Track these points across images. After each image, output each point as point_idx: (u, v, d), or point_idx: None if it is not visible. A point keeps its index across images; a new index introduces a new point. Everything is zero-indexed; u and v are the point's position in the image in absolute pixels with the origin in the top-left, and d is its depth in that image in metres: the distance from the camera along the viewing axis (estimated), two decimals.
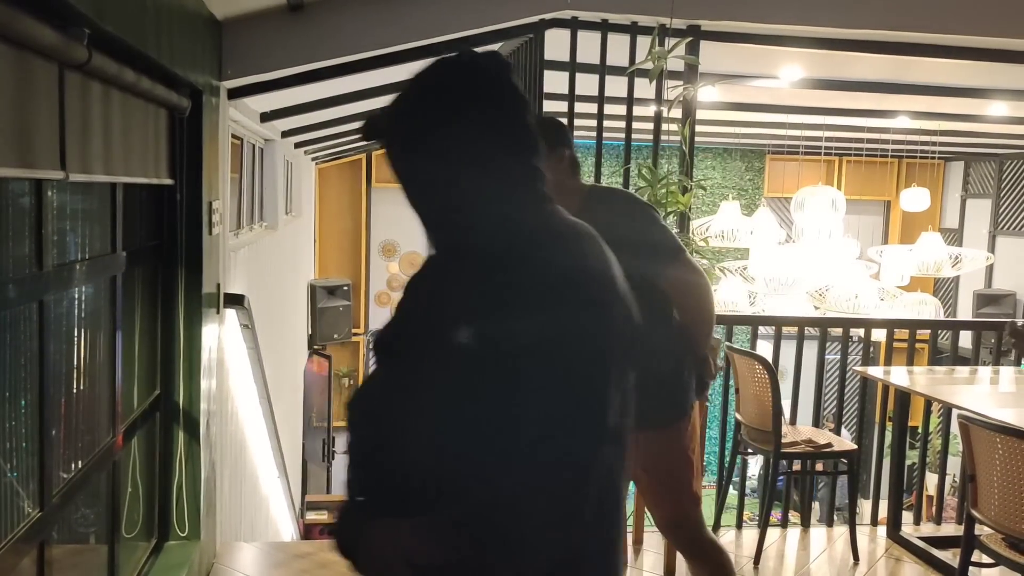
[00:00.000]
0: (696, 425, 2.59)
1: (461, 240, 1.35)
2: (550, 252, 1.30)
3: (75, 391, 2.48)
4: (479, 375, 1.22)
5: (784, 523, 4.58)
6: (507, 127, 1.32)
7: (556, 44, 3.93)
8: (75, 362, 2.46)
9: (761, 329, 4.73)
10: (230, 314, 3.96)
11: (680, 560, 3.65)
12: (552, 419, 1.20)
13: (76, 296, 2.45)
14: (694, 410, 2.56)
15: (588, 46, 3.88)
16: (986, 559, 3.09)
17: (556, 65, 3.99)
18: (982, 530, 3.05)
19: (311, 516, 10.34)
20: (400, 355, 1.35)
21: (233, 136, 4.71)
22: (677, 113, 3.92)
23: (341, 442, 11.80)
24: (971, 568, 3.12)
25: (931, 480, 6.61)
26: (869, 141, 9.13)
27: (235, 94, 3.76)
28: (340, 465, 11.90)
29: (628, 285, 1.41)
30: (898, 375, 4.13)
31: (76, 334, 2.47)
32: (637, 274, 2.36)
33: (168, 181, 3.04)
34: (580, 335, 1.23)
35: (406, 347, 1.34)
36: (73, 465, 2.40)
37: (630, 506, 3.80)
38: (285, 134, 6.57)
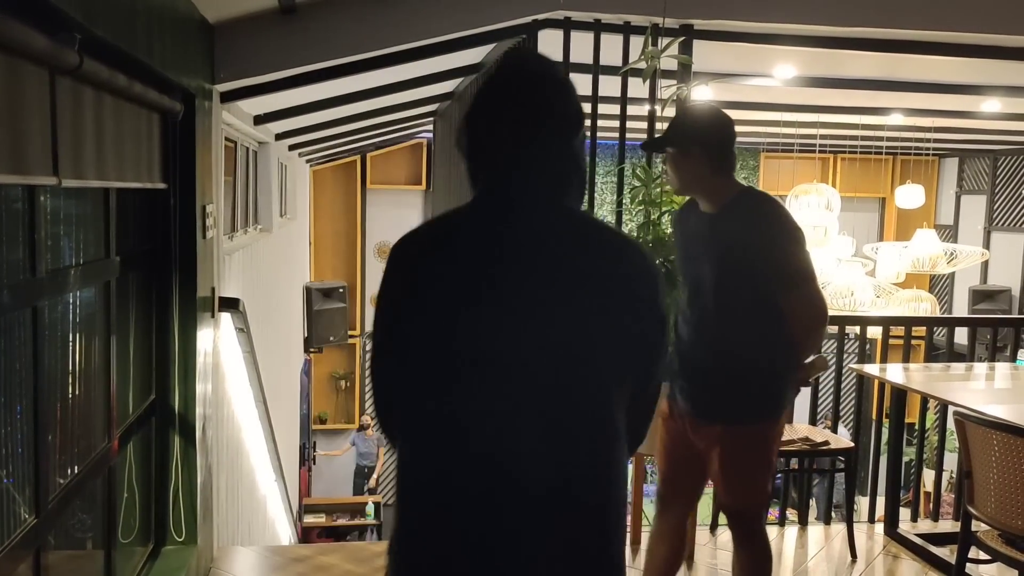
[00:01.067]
0: (782, 430, 2.68)
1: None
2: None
3: (70, 396, 2.47)
4: None
5: (782, 521, 4.58)
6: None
7: (549, 44, 3.93)
8: (70, 367, 2.46)
9: None
10: (225, 318, 3.96)
11: None
12: None
13: (70, 301, 2.44)
14: (784, 415, 2.65)
15: (581, 46, 3.88)
16: (983, 555, 3.09)
17: None
18: (979, 526, 3.06)
19: (309, 519, 10.30)
20: None
21: (226, 139, 4.71)
22: (671, 112, 3.91)
23: (322, 445, 11.76)
24: (968, 564, 3.13)
25: (928, 477, 6.61)
26: (863, 138, 9.12)
27: (228, 97, 3.75)
28: (320, 469, 11.84)
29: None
30: (894, 372, 4.14)
31: (71, 339, 2.46)
32: (750, 284, 2.45)
33: (161, 185, 3.03)
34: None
35: None
36: (69, 470, 2.39)
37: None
38: (279, 136, 6.55)
